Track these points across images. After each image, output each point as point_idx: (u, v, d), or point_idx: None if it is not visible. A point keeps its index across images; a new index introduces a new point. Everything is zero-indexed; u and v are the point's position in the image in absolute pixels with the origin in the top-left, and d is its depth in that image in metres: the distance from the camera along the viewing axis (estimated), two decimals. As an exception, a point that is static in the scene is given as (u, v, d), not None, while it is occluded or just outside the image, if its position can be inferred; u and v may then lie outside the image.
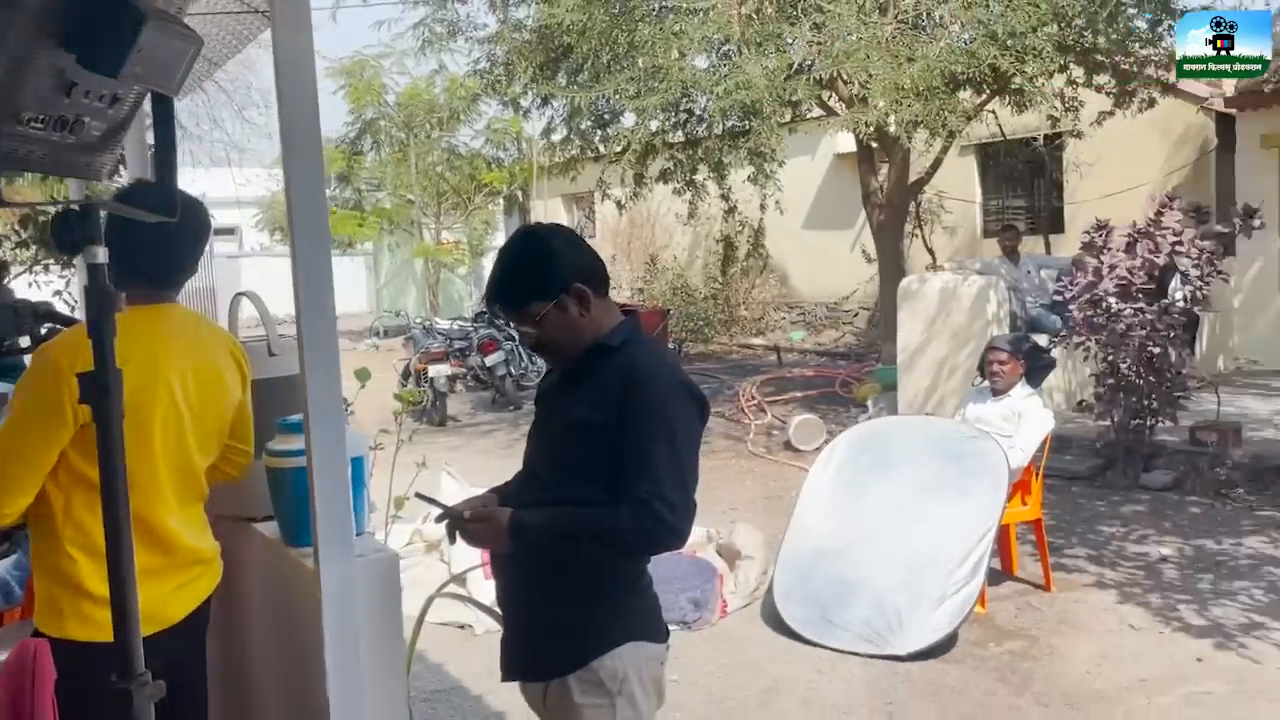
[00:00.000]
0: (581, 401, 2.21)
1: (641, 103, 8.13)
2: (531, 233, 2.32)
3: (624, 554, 2.20)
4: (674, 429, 2.11)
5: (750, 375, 12.32)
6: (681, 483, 2.11)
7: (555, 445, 2.28)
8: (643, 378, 2.14)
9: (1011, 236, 9.67)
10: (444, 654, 4.81)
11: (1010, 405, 5.34)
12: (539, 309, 2.19)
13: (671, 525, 2.08)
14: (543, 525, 2.16)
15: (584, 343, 2.23)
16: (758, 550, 5.63)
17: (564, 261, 2.21)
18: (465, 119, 20.55)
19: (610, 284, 2.33)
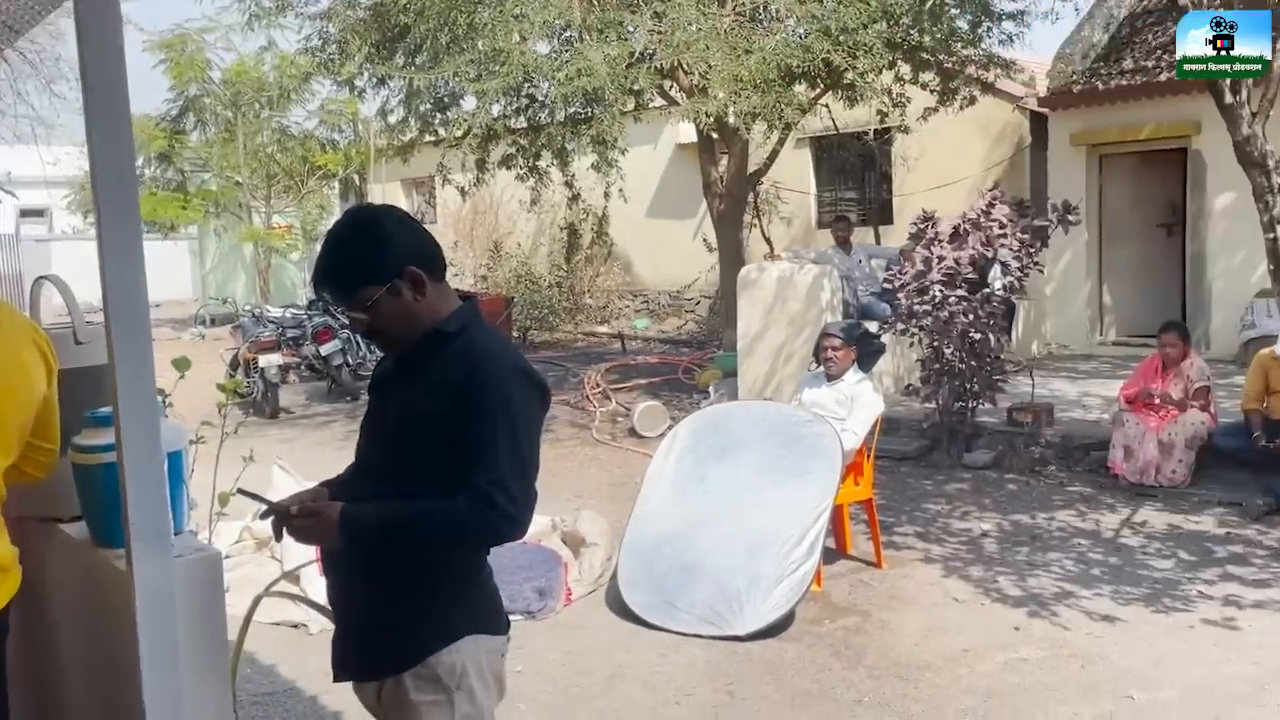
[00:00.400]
0: (417, 390, 2.14)
1: (482, 86, 7.99)
2: (361, 213, 2.22)
3: (462, 546, 2.14)
4: (514, 417, 2.06)
5: (595, 363, 12.35)
6: (522, 472, 2.07)
7: (389, 436, 2.20)
8: (481, 364, 2.09)
9: (844, 227, 10.02)
10: (276, 655, 4.62)
11: (843, 390, 5.53)
12: (371, 294, 2.11)
13: (512, 516, 2.04)
14: (375, 519, 2.08)
15: (419, 329, 2.16)
16: (602, 537, 5.65)
17: (397, 244, 2.13)
18: (297, 98, 19.78)
19: (447, 268, 2.26)
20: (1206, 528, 5.94)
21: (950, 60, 10.36)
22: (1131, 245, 11.49)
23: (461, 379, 2.07)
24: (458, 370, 2.08)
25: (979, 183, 12.37)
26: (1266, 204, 7.68)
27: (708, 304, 15.68)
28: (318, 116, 20.34)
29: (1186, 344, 6.88)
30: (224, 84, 19.84)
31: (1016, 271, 7.40)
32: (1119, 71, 10.98)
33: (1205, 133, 10.11)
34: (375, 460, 2.23)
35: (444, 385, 2.08)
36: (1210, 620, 4.62)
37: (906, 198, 13.09)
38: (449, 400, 2.06)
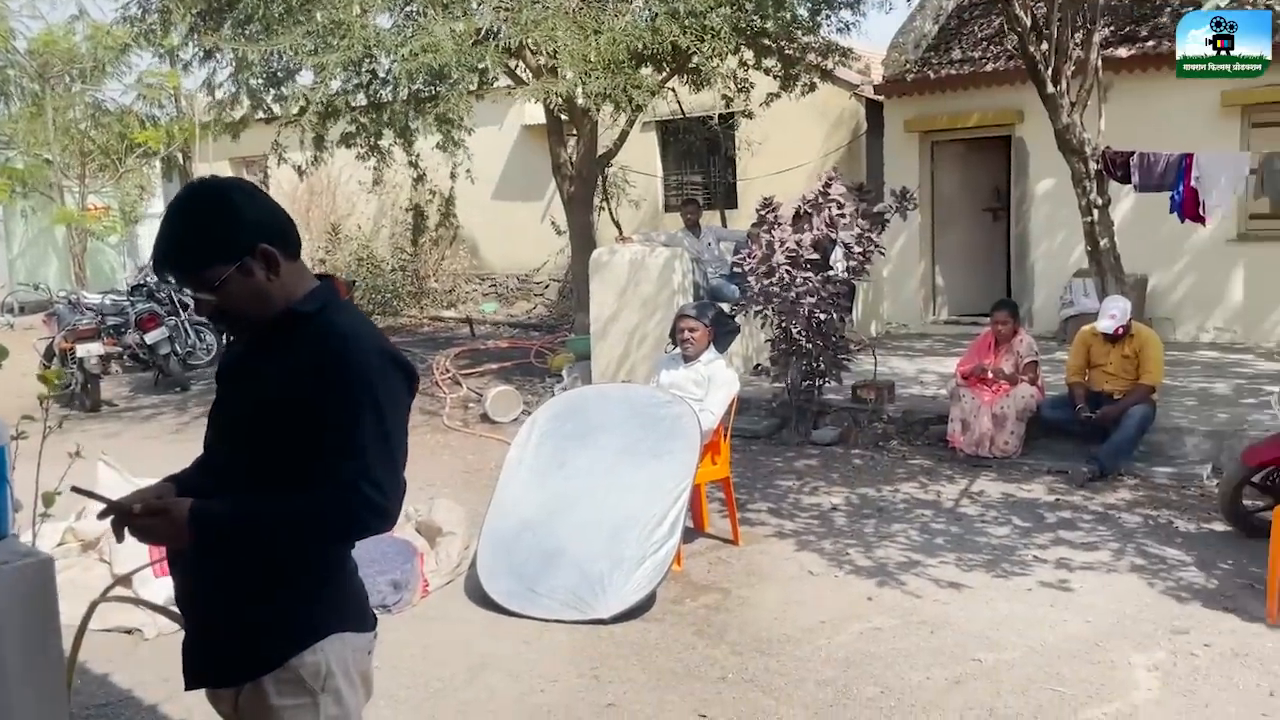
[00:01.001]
0: (270, 375, 1.99)
1: (321, 60, 7.64)
2: (206, 186, 2.04)
3: (326, 541, 2.02)
4: (380, 402, 1.94)
5: (443, 348, 12.08)
6: (390, 461, 1.95)
7: (241, 425, 2.04)
8: (342, 346, 1.95)
9: (693, 210, 10.11)
10: (109, 663, 4.31)
11: (700, 370, 5.57)
12: (218, 273, 1.95)
13: (380, 507, 1.92)
14: (229, 515, 1.94)
15: (272, 310, 2.01)
16: (459, 526, 5.52)
17: (246, 219, 1.98)
18: (113, 71, 18.50)
19: (301, 245, 2.11)
20: (1038, 495, 6.29)
21: (791, 47, 10.60)
22: (961, 229, 12.06)
23: (320, 363, 1.94)
24: (316, 353, 1.95)
25: (819, 168, 12.71)
26: (1084, 189, 8.20)
27: (558, 287, 15.59)
28: (136, 91, 19.11)
29: (1016, 321, 7.25)
30: (30, 54, 18.37)
31: (859, 255, 7.63)
32: (948, 61, 11.48)
33: (1028, 121, 10.69)
34: (226, 453, 2.07)
35: (301, 370, 1.94)
36: (1046, 583, 4.88)
37: (750, 182, 13.33)
38: (307, 386, 1.93)
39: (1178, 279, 10.30)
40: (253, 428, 2.00)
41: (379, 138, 10.23)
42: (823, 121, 13.03)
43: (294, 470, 1.94)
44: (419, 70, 7.51)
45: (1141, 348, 6.68)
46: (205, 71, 9.78)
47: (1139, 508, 5.95)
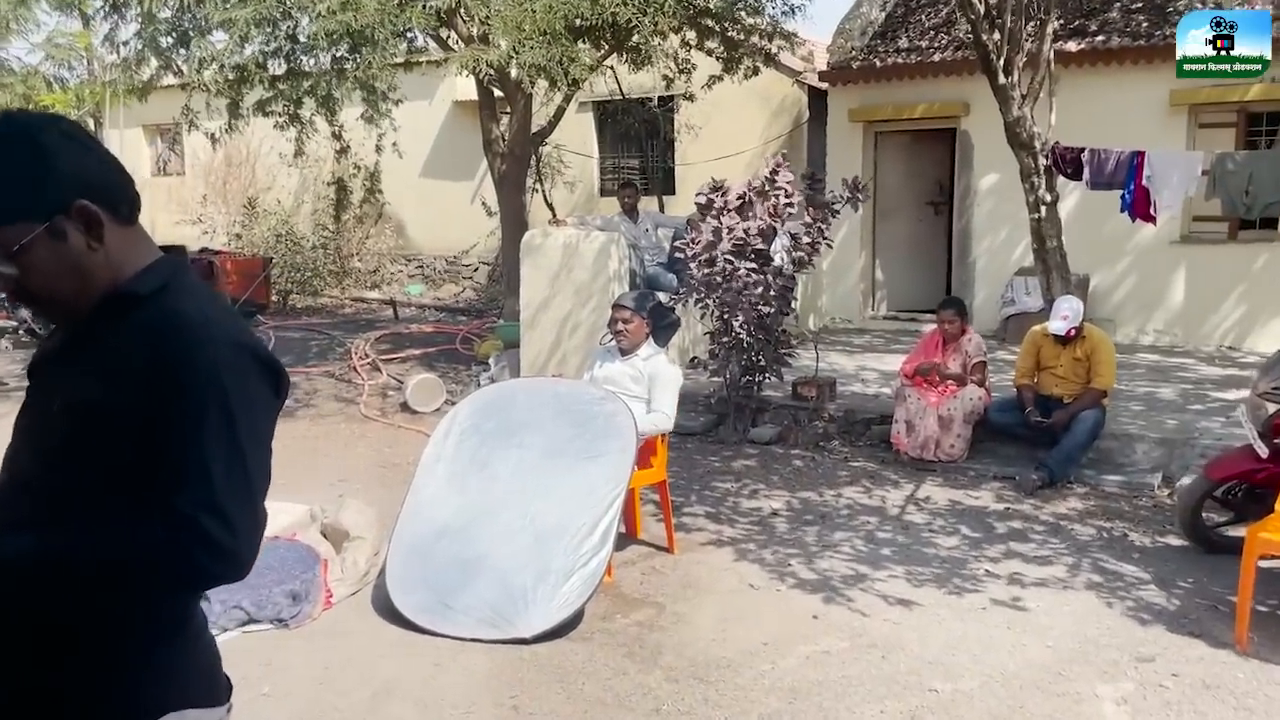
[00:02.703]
0: (90, 374, 1.52)
1: (231, 15, 7.02)
2: (12, 123, 1.54)
3: (154, 591, 1.54)
4: (231, 410, 1.48)
5: (364, 331, 11.49)
6: (243, 487, 1.49)
7: (50, 437, 1.55)
8: (183, 338, 1.49)
9: (631, 194, 9.67)
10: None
11: (638, 365, 5.15)
12: (18, 235, 1.47)
13: (226, 549, 1.46)
14: (24, 557, 1.46)
15: (94, 288, 1.54)
16: (369, 530, 5.03)
17: (61, 167, 1.50)
18: (18, 29, 17.40)
19: (138, 207, 1.62)
20: (986, 503, 6.01)
21: (735, 29, 10.23)
22: (902, 222, 11.83)
23: (153, 357, 1.47)
24: (148, 345, 1.49)
25: (760, 155, 12.38)
26: (1032, 184, 7.95)
27: (487, 270, 15.05)
28: (45, 51, 18.02)
29: (964, 320, 6.97)
30: (-75, 6, 17.18)
31: (806, 246, 7.28)
32: (894, 50, 11.20)
33: (974, 114, 10.47)
34: (30, 472, 1.57)
35: (127, 368, 1.48)
36: (999, 601, 4.57)
37: (690, 167, 12.94)
38: (135, 387, 1.47)
39: (1120, 279, 10.18)
40: (63, 440, 1.52)
41: (299, 106, 9.60)
42: (765, 108, 12.69)
43: (114, 496, 1.48)
44: (339, 31, 6.94)
45: (1093, 350, 6.45)
46: (110, 26, 9.03)
47: (1091, 519, 5.70)
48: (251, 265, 13.45)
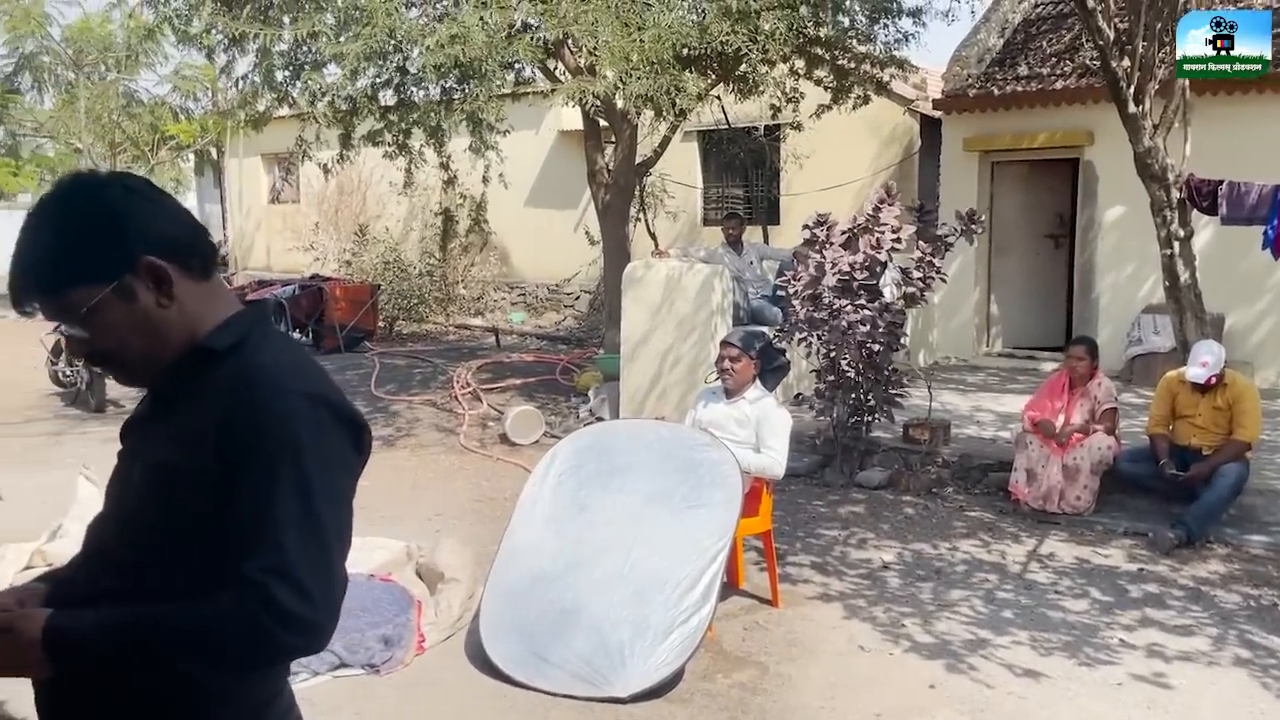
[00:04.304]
0: (168, 435, 1.44)
1: (342, 48, 7.08)
2: (77, 182, 1.49)
3: (230, 667, 1.43)
4: (307, 471, 1.38)
5: (466, 359, 11.53)
6: (319, 553, 1.38)
7: (131, 504, 1.48)
8: (256, 392, 1.40)
9: (736, 225, 9.47)
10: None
11: (744, 409, 4.92)
12: (87, 298, 1.40)
13: (301, 618, 1.34)
14: (95, 634, 1.37)
15: (170, 346, 1.47)
16: (464, 571, 4.91)
17: (127, 225, 1.43)
18: (148, 61, 18.24)
19: (215, 259, 1.54)
20: (1117, 562, 5.58)
21: (845, 57, 9.98)
22: (1020, 255, 11.34)
23: (225, 414, 1.39)
24: (221, 402, 1.40)
25: (869, 185, 12.07)
26: (1164, 218, 7.46)
27: (588, 299, 15.02)
28: (172, 83, 18.84)
29: (1095, 361, 6.54)
30: (65, 42, 18.14)
31: (919, 281, 6.97)
32: (1014, 77, 10.77)
33: (1099, 143, 9.97)
34: (113, 540, 1.50)
35: (202, 425, 1.40)
36: (1138, 675, 4.19)
37: (795, 198, 12.70)
38: (209, 447, 1.39)
39: (1258, 319, 9.52)
40: (144, 506, 1.46)
41: (408, 136, 9.68)
42: (874, 137, 12.36)
43: (192, 565, 1.40)
44: (448, 63, 6.93)
45: (1236, 399, 5.97)
46: (227, 60, 9.26)
47: (1235, 584, 5.23)
48: (360, 292, 13.68)
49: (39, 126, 19.11)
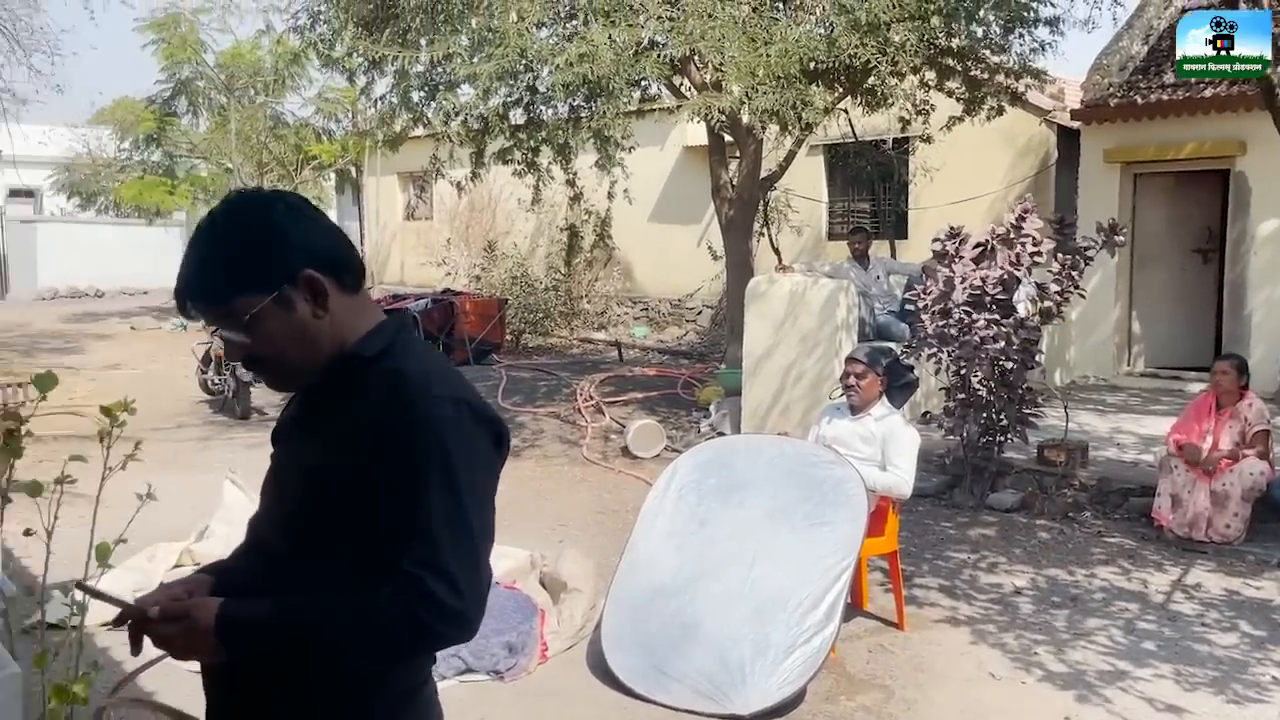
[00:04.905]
0: (321, 438, 1.54)
1: (475, 69, 7.29)
2: (242, 199, 1.61)
3: (385, 654, 1.51)
4: (453, 469, 1.46)
5: (590, 372, 11.67)
6: (466, 548, 1.45)
7: (288, 503, 1.58)
8: (405, 397, 1.48)
9: (862, 239, 9.33)
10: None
11: (870, 425, 4.84)
12: (249, 306, 1.50)
13: (452, 610, 1.42)
14: (263, 622, 1.47)
15: (321, 354, 1.56)
16: (586, 581, 4.95)
17: (288, 239, 1.53)
18: (293, 85, 19.10)
19: (362, 276, 1.63)
20: (1270, 595, 5.25)
21: (979, 67, 9.73)
22: (1164, 270, 10.83)
23: (379, 419, 1.47)
24: (372, 406, 1.49)
25: (1001, 199, 11.73)
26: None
27: (710, 314, 15.02)
28: (315, 105, 19.69)
29: (1245, 380, 6.19)
30: (218, 67, 19.17)
31: (1055, 296, 6.73)
32: (1159, 86, 10.32)
33: (1252, 153, 9.46)
34: (271, 535, 1.61)
35: (355, 430, 1.49)
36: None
37: (924, 211, 12.43)
38: (361, 449, 1.47)
39: None
40: (300, 505, 1.56)
41: (536, 154, 9.90)
42: (1008, 149, 12.02)
43: (349, 560, 1.49)
44: (576, 82, 7.06)
45: None
46: (366, 82, 9.65)
47: (1406, 623, 4.86)
48: (488, 306, 14.01)
49: (193, 148, 20.18)
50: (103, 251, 22.90)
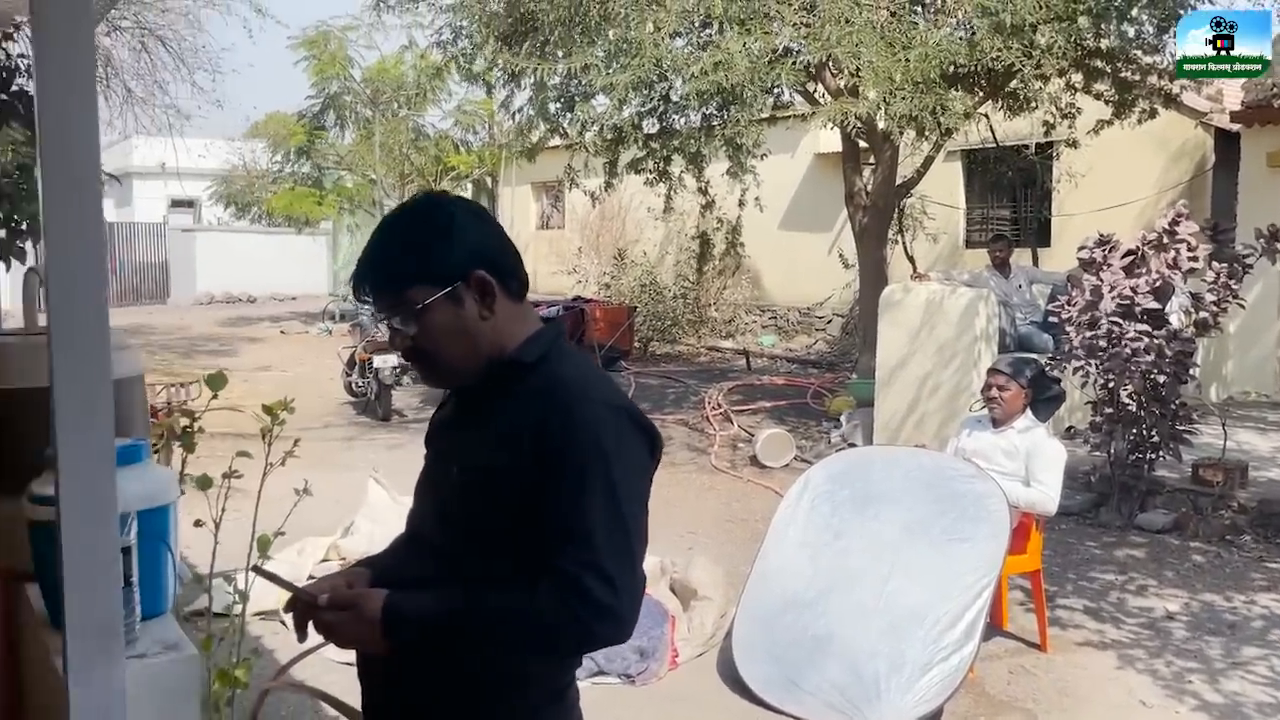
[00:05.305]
0: (483, 439, 1.58)
1: (611, 79, 7.40)
2: (427, 199, 1.71)
3: (543, 651, 1.56)
4: (613, 474, 1.49)
5: (717, 380, 11.65)
6: (624, 549, 1.49)
7: (447, 500, 1.64)
8: (567, 402, 1.53)
9: (1003, 247, 9.06)
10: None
11: (1013, 439, 4.68)
12: (422, 296, 1.56)
13: (609, 609, 1.46)
14: (428, 615, 1.52)
15: (480, 355, 1.61)
16: (716, 589, 4.95)
17: (467, 239, 1.59)
18: (434, 98, 19.75)
19: (527, 285, 1.69)
20: None
21: (1129, 68, 9.32)
22: (1334, 281, 10.13)
23: (540, 423, 1.52)
24: (535, 411, 1.54)
25: (1152, 205, 11.21)
26: None
27: (840, 323, 14.81)
28: (454, 117, 20.32)
29: None
30: (364, 82, 19.98)
31: (1212, 306, 6.40)
32: (1329, 84, 9.69)
33: None
34: (430, 532, 1.66)
35: (517, 433, 1.53)
36: None
37: (1069, 219, 11.98)
38: (523, 452, 1.51)
39: None
40: (459, 503, 1.61)
41: (668, 163, 9.96)
42: (1160, 153, 11.47)
43: (508, 557, 1.54)
44: (710, 90, 7.08)
45: None
46: (506, 94, 9.91)
47: None
48: (618, 313, 14.15)
49: (340, 160, 21.09)
50: (255, 259, 24.09)
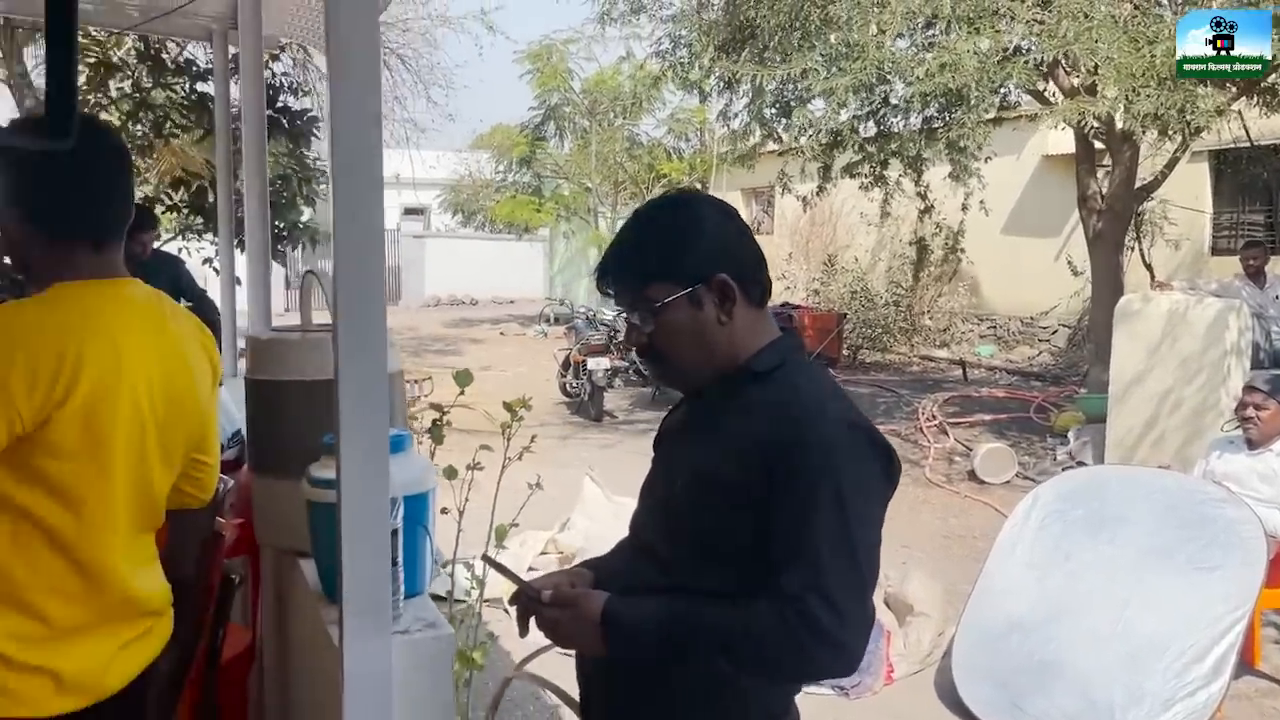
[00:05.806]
0: (713, 448, 1.55)
1: (830, 84, 7.32)
2: (679, 197, 1.71)
3: (759, 673, 1.52)
4: (844, 495, 1.43)
5: (931, 391, 11.30)
6: (854, 577, 1.42)
7: (672, 508, 1.61)
8: (803, 418, 1.47)
9: (1258, 254, 8.30)
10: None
11: (1270, 462, 4.31)
12: (663, 293, 1.55)
13: (833, 637, 1.39)
14: (648, 623, 1.50)
15: (713, 360, 1.58)
16: (934, 606, 4.80)
17: (713, 241, 1.57)
18: (649, 107, 20.18)
19: (769, 293, 1.65)
20: None
21: None
22: None
23: (773, 437, 1.47)
24: (767, 424, 1.49)
25: None
26: None
27: (1067, 334, 14.03)
28: (667, 125, 20.68)
29: None
30: (583, 93, 20.65)
31: None
32: None
33: None
34: (653, 539, 1.64)
35: (749, 446, 1.49)
36: None
37: (1334, 224, 10.88)
38: (754, 465, 1.47)
39: None
40: (685, 512, 1.58)
41: (884, 167, 9.76)
42: None
43: (733, 572, 1.50)
44: (934, 92, 6.89)
45: None
46: (723, 102, 10.00)
47: None
48: (826, 320, 13.97)
49: (558, 169, 21.91)
50: (478, 264, 25.36)
